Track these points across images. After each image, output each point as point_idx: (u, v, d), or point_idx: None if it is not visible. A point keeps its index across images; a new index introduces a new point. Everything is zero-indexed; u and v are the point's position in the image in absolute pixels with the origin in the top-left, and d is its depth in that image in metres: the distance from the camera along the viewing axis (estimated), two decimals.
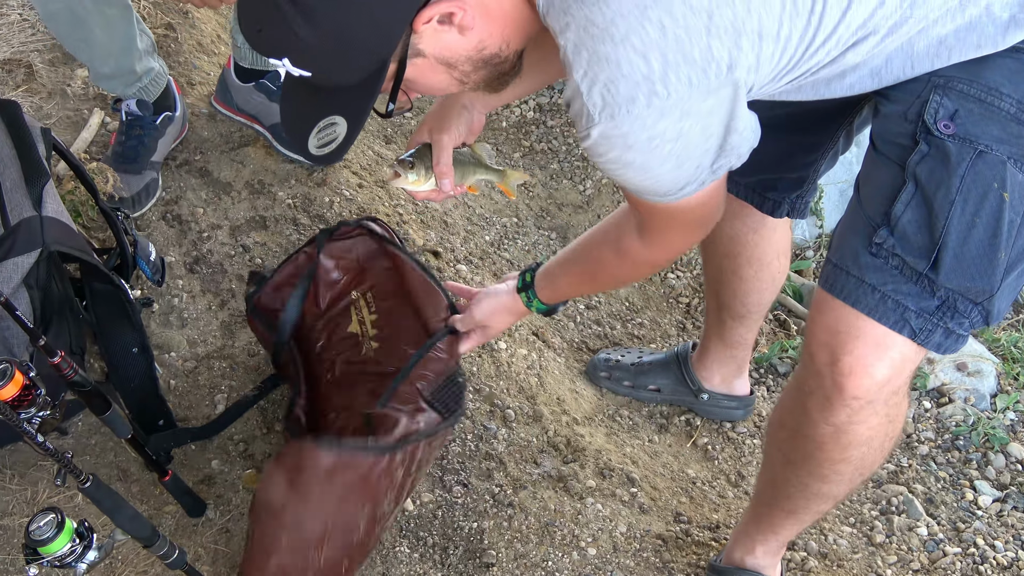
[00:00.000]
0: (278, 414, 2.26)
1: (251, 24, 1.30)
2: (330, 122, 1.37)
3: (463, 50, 1.37)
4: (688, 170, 1.39)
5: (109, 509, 1.55)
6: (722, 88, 1.30)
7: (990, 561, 2.21)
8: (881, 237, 1.44)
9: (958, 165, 1.38)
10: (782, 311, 3.01)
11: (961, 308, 1.44)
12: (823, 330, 1.52)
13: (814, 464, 1.66)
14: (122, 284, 2.09)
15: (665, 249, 1.67)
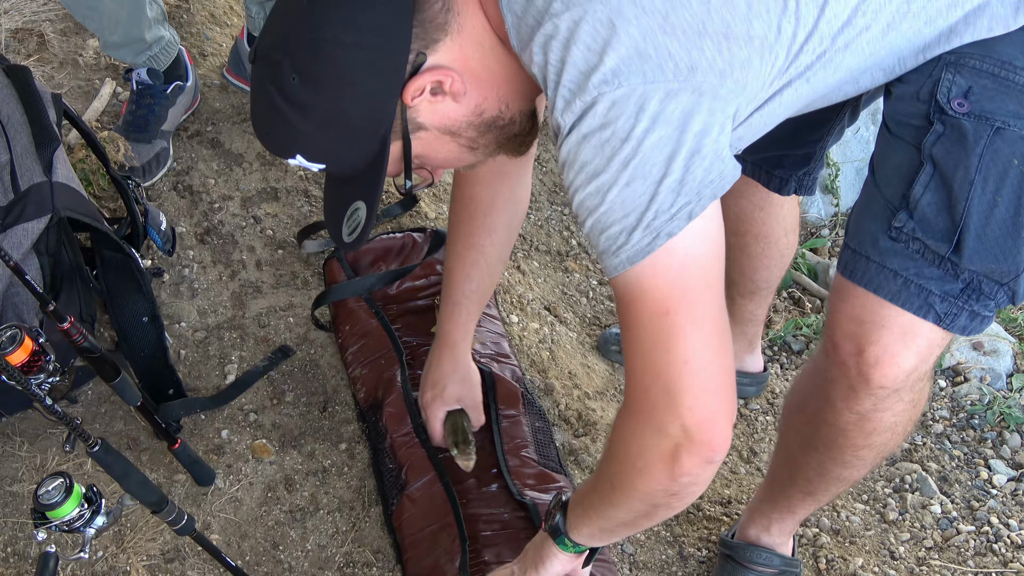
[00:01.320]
0: (288, 384, 2.25)
1: (262, 130, 1.36)
2: (354, 208, 1.37)
3: (461, 116, 1.36)
4: (640, 193, 1.20)
5: (118, 474, 1.54)
6: (683, 92, 1.20)
7: (1004, 539, 2.19)
8: (901, 221, 1.39)
9: (975, 144, 1.34)
10: (796, 289, 2.98)
11: (986, 290, 1.40)
12: (847, 319, 1.47)
13: (836, 451, 1.63)
14: (133, 253, 2.09)
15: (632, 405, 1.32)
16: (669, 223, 1.21)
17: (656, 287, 1.24)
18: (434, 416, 2.02)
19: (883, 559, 2.11)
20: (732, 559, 1.92)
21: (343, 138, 1.31)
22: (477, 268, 1.92)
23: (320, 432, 2.18)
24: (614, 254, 1.24)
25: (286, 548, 1.98)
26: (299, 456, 2.13)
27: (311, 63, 1.26)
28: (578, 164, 1.23)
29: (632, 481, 1.36)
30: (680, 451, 1.26)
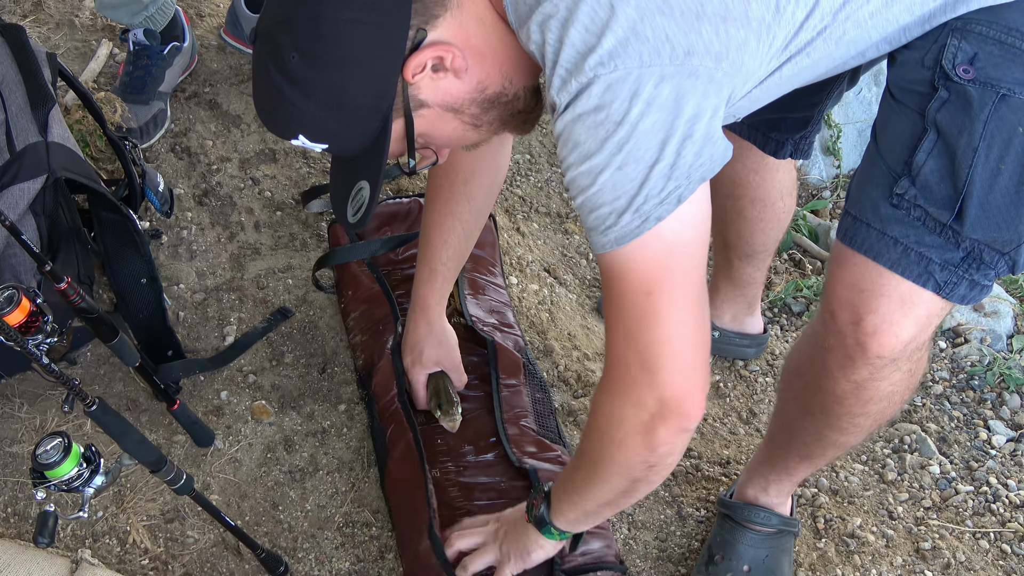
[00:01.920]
0: (287, 346, 2.25)
1: (263, 110, 1.36)
2: (358, 188, 1.37)
3: (464, 93, 1.35)
4: (631, 177, 1.22)
5: (116, 433, 1.54)
6: (678, 76, 1.20)
7: (1002, 499, 2.20)
8: (902, 187, 1.38)
9: (980, 110, 1.32)
10: (797, 251, 2.98)
11: (987, 259, 1.39)
12: (845, 287, 1.47)
13: (833, 417, 1.63)
14: (130, 214, 2.08)
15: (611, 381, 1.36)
16: (659, 207, 1.23)
17: (642, 268, 1.27)
18: (416, 380, 2.04)
19: (881, 519, 2.11)
20: (731, 518, 1.93)
21: (344, 117, 1.30)
22: (454, 235, 1.92)
23: (319, 393, 2.19)
24: (603, 233, 1.27)
25: (286, 508, 1.99)
26: (298, 417, 2.14)
27: (310, 41, 1.25)
28: (572, 142, 1.24)
29: (612, 455, 1.41)
30: (656, 421, 1.32)
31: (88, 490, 1.48)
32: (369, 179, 1.35)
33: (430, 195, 1.92)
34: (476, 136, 1.43)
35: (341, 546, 1.94)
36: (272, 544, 1.93)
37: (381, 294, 2.25)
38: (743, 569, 1.88)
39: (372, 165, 1.35)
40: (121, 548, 1.86)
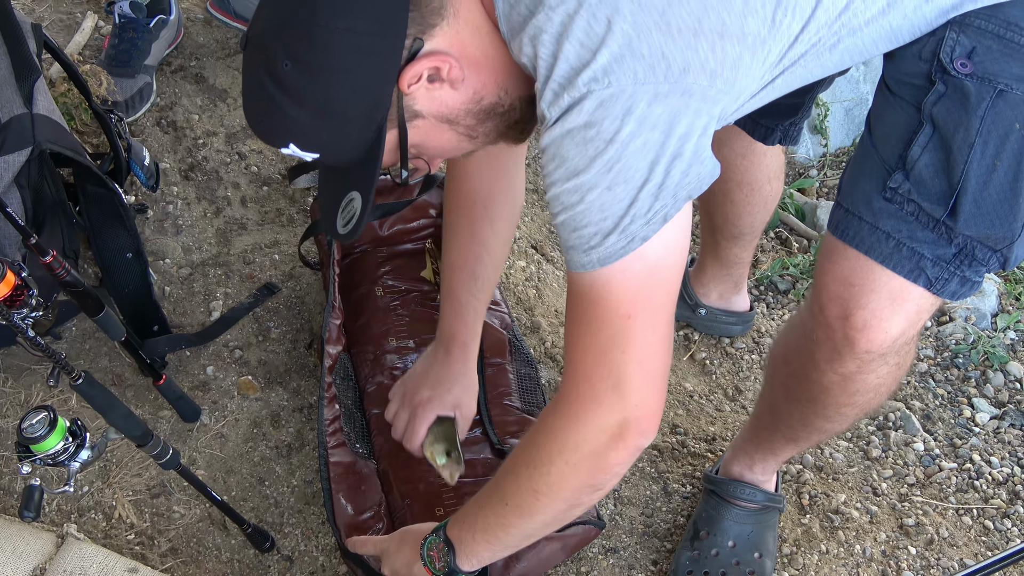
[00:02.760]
0: (274, 321, 2.25)
1: (253, 118, 1.31)
2: (349, 199, 1.33)
3: (460, 104, 1.31)
4: (620, 198, 1.20)
5: (102, 407, 1.54)
6: (672, 95, 1.17)
7: (985, 476, 2.21)
8: (896, 181, 1.37)
9: (977, 105, 1.31)
10: (784, 229, 2.98)
11: (979, 255, 1.37)
12: (835, 281, 1.45)
13: (819, 406, 1.63)
14: (116, 188, 2.06)
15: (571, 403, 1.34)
16: (645, 227, 1.22)
17: (623, 290, 1.26)
18: (424, 418, 1.88)
19: (866, 495, 2.13)
20: (716, 495, 1.93)
21: (337, 126, 1.27)
22: (481, 264, 1.84)
23: (306, 369, 2.18)
24: (585, 253, 1.25)
25: (272, 483, 1.99)
26: (285, 392, 2.13)
27: (304, 49, 1.21)
28: (558, 158, 1.21)
29: (562, 480, 1.38)
30: (617, 441, 1.32)
31: (74, 464, 1.48)
32: (361, 190, 1.31)
33: (449, 223, 1.86)
34: (471, 146, 1.40)
35: (327, 521, 1.94)
36: (258, 519, 1.93)
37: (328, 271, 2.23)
38: (728, 545, 1.89)
39: (365, 176, 1.31)
40: (107, 523, 1.86)
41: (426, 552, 1.58)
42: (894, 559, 1.99)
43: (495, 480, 1.51)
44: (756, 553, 1.89)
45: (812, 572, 1.94)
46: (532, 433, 1.44)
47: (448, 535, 1.55)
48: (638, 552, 1.96)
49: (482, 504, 1.52)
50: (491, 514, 1.50)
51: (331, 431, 1.95)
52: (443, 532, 1.56)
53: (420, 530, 1.65)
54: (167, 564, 1.83)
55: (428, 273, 2.27)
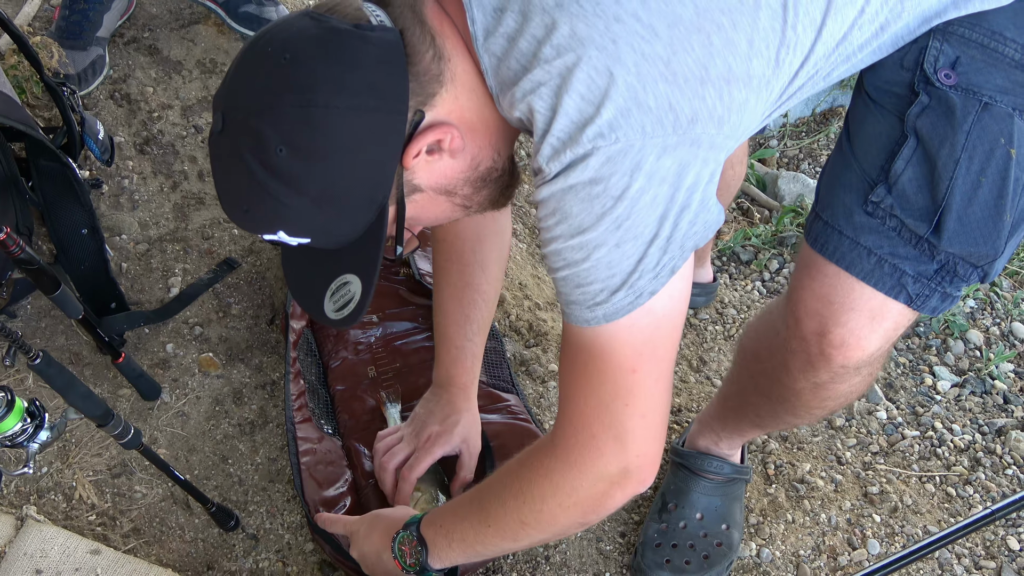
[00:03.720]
0: (234, 297, 2.21)
1: (235, 205, 1.21)
2: (342, 282, 1.26)
3: (459, 173, 1.26)
4: (629, 255, 1.16)
5: (61, 387, 1.50)
6: (681, 146, 1.13)
7: (947, 444, 2.23)
8: (878, 196, 1.33)
9: (963, 120, 1.28)
10: (745, 199, 2.98)
11: (961, 272, 1.34)
12: (813, 297, 1.42)
13: (789, 405, 1.61)
14: (70, 162, 2.02)
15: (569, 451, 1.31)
16: (653, 282, 1.19)
17: (629, 345, 1.23)
18: (430, 454, 1.83)
19: (830, 464, 2.14)
20: (684, 467, 1.93)
21: (337, 211, 1.19)
22: (476, 308, 1.81)
23: (267, 345, 2.15)
24: (589, 309, 1.21)
25: (236, 461, 1.96)
26: (247, 369, 2.10)
27: (301, 132, 1.12)
28: (560, 213, 1.16)
29: (554, 518, 1.37)
30: (615, 489, 1.31)
31: (33, 446, 1.44)
32: (360, 273, 1.25)
33: (439, 270, 1.81)
34: (463, 215, 1.35)
35: (293, 499, 1.92)
36: (222, 498, 1.90)
37: None
38: (696, 517, 1.89)
39: (365, 258, 1.24)
40: (67, 504, 1.82)
41: (397, 546, 1.57)
42: (859, 527, 2.00)
43: (479, 498, 1.48)
44: (724, 524, 1.90)
45: (779, 541, 1.95)
46: (523, 466, 1.40)
47: (422, 533, 1.54)
48: (605, 524, 1.96)
49: (462, 516, 1.50)
50: (471, 529, 1.48)
51: (297, 406, 1.94)
52: (416, 529, 1.55)
53: (392, 519, 1.64)
54: (130, 544, 1.80)
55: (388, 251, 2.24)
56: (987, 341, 2.55)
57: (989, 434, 2.27)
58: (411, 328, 2.13)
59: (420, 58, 1.18)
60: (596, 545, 1.91)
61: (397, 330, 2.11)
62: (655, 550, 1.86)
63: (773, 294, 2.65)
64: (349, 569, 1.76)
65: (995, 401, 2.38)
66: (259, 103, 1.14)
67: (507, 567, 1.84)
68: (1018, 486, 2.15)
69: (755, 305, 2.60)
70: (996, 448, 2.23)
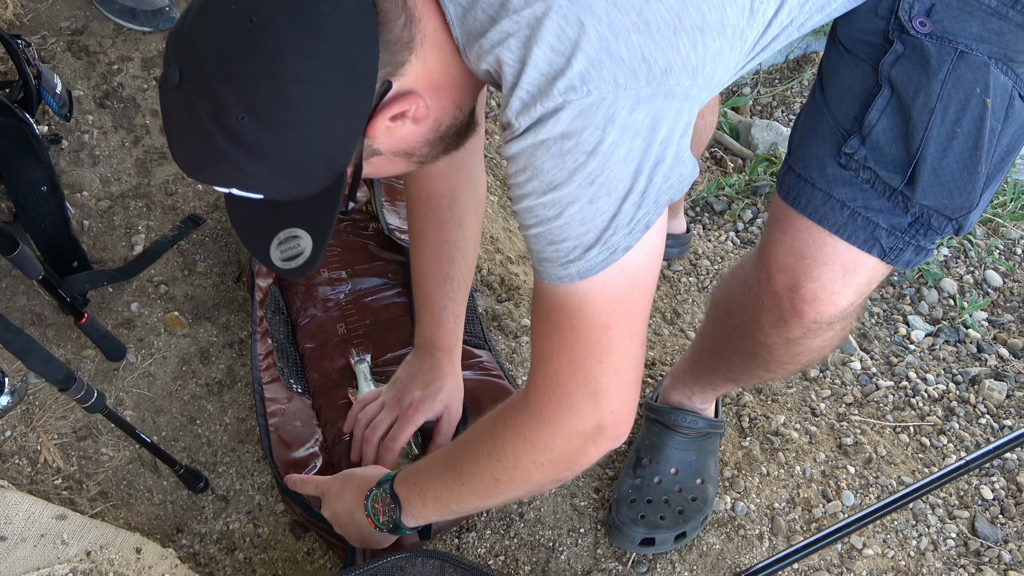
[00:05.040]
0: (200, 254, 2.17)
1: (190, 161, 1.16)
2: (291, 235, 1.21)
3: (420, 137, 1.23)
4: (603, 211, 1.13)
5: (19, 351, 1.47)
6: (655, 99, 1.10)
7: (921, 394, 2.23)
8: (852, 147, 1.31)
9: (939, 68, 1.26)
10: (719, 149, 2.95)
11: (935, 224, 1.33)
12: (785, 251, 1.40)
13: (761, 360, 1.60)
14: (27, 118, 1.97)
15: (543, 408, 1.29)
16: (627, 237, 1.16)
17: (603, 302, 1.20)
18: (413, 421, 1.79)
19: (804, 416, 2.13)
20: (658, 422, 1.92)
21: (295, 177, 1.15)
22: (455, 265, 1.76)
23: (234, 303, 2.12)
24: (562, 266, 1.18)
25: (204, 422, 1.93)
26: (213, 328, 2.07)
27: (265, 102, 1.08)
28: (531, 170, 1.13)
29: (528, 475, 1.35)
30: (589, 445, 1.29)
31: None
32: (313, 232, 1.21)
33: (415, 228, 1.76)
34: (416, 168, 1.32)
35: (263, 459, 1.89)
36: (191, 459, 1.88)
37: None
38: (671, 472, 1.88)
39: (320, 218, 1.20)
40: (32, 468, 1.79)
41: (371, 504, 1.55)
42: (833, 479, 2.00)
43: (452, 456, 1.47)
44: (698, 479, 1.89)
45: (754, 494, 1.94)
46: (497, 424, 1.38)
47: (396, 491, 1.52)
48: (580, 480, 1.94)
49: (436, 474, 1.48)
50: (444, 488, 1.46)
51: (264, 366, 1.91)
52: (389, 487, 1.53)
53: (364, 477, 1.62)
54: (97, 508, 1.77)
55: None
56: (961, 290, 2.55)
57: (963, 383, 2.27)
58: (381, 284, 2.10)
59: (392, 25, 1.13)
60: (570, 501, 1.90)
61: (367, 286, 2.08)
62: (630, 506, 1.85)
63: (747, 244, 2.63)
64: (320, 530, 1.75)
65: (969, 350, 2.38)
66: (223, 67, 1.09)
67: (481, 524, 1.83)
68: (991, 435, 2.16)
69: (729, 256, 2.58)
70: (970, 397, 2.23)
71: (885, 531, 1.92)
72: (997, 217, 2.74)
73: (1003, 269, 2.60)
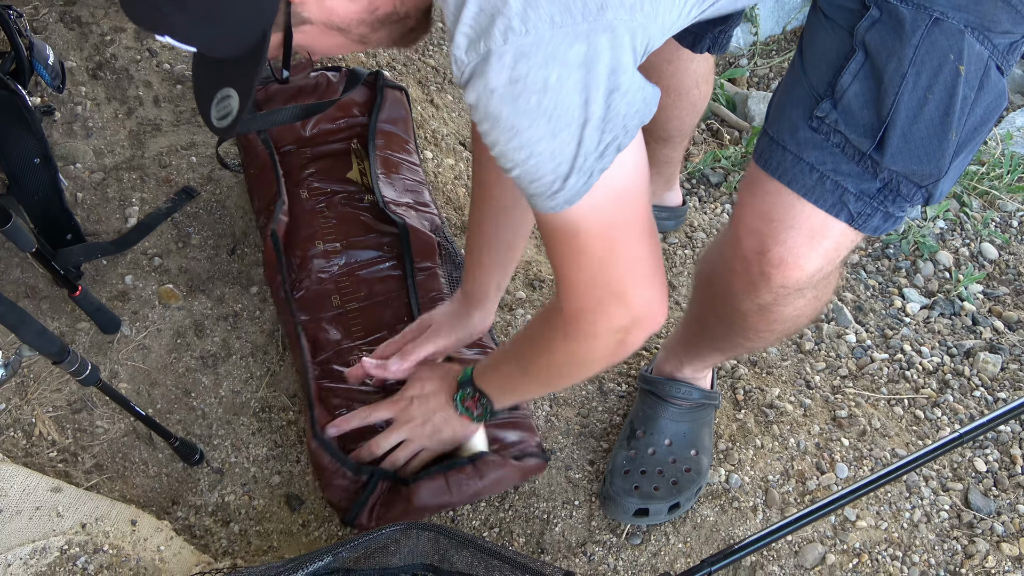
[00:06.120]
0: (194, 227, 2.16)
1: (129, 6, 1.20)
2: (225, 95, 1.25)
3: (353, 14, 1.23)
4: (567, 142, 1.17)
5: (12, 324, 1.46)
6: (593, 33, 1.12)
7: (916, 366, 2.23)
8: (823, 111, 1.32)
9: (912, 34, 1.26)
10: (715, 120, 2.94)
11: (904, 191, 1.34)
12: (753, 214, 1.42)
13: (739, 328, 1.62)
14: (19, 89, 1.96)
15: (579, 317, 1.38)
16: (600, 160, 1.19)
17: (597, 220, 1.26)
18: (419, 353, 1.85)
19: (799, 388, 2.13)
20: (652, 393, 1.92)
21: (217, 30, 1.18)
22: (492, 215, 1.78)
23: (229, 276, 2.11)
24: (549, 198, 1.22)
25: (199, 395, 1.93)
26: (208, 301, 2.06)
27: None
28: (491, 119, 1.16)
29: (587, 369, 1.51)
30: (630, 336, 1.37)
31: None
32: (239, 89, 1.24)
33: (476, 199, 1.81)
34: (361, 49, 1.33)
35: (258, 431, 1.90)
36: (186, 432, 1.88)
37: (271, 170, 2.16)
38: (665, 443, 1.88)
39: (244, 76, 1.23)
40: (27, 441, 1.79)
41: (461, 404, 1.72)
42: (827, 451, 2.00)
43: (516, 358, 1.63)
44: (692, 450, 1.89)
45: (748, 467, 1.95)
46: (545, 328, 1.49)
47: (480, 388, 1.69)
48: (575, 452, 1.95)
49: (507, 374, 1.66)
50: (519, 384, 1.66)
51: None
52: (472, 387, 1.70)
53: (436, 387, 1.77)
54: (92, 481, 1.77)
55: (354, 174, 2.20)
56: (956, 262, 2.54)
57: (958, 356, 2.27)
58: (376, 257, 2.09)
59: None
60: (565, 473, 1.91)
61: (362, 259, 2.07)
62: (624, 477, 1.85)
63: None
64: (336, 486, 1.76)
65: (964, 323, 2.38)
66: None
67: None
68: (986, 408, 2.16)
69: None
70: (964, 370, 2.23)
71: (879, 503, 1.93)
72: (994, 190, 2.73)
73: (999, 242, 2.60)
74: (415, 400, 1.77)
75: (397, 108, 2.30)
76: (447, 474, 1.74)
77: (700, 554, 1.82)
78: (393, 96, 2.30)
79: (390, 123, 2.27)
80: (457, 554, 1.57)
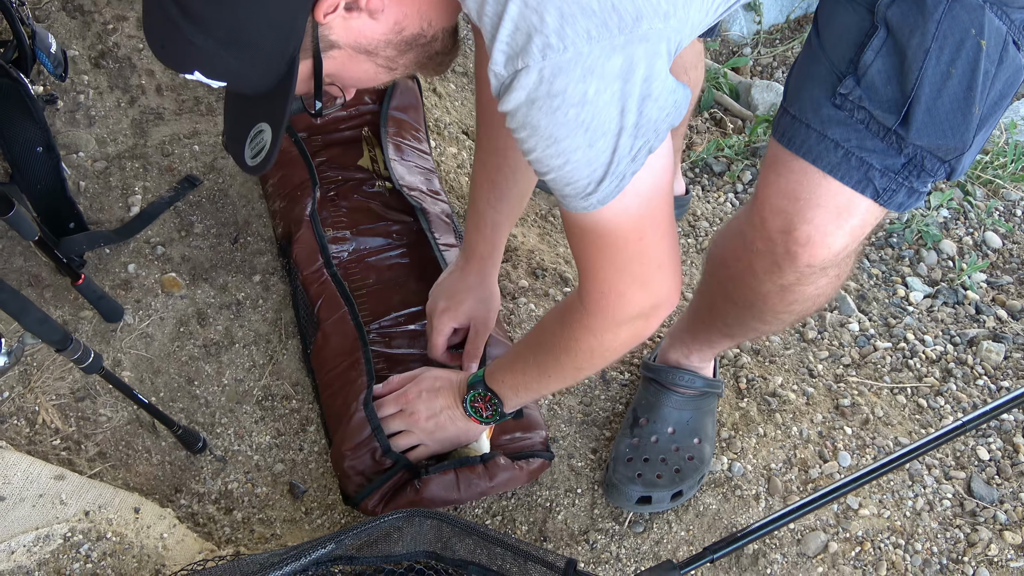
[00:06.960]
0: (197, 215, 2.17)
1: (155, 40, 1.21)
2: (259, 130, 1.27)
3: (379, 35, 1.23)
4: (603, 150, 1.20)
5: (15, 312, 1.47)
6: (630, 44, 1.13)
7: (919, 355, 2.23)
8: (847, 87, 1.32)
9: (934, 9, 1.26)
10: (718, 109, 2.94)
11: (928, 167, 1.34)
12: (779, 194, 1.41)
13: (756, 311, 1.62)
14: (21, 78, 1.97)
15: (602, 309, 1.41)
16: (632, 163, 1.22)
17: (628, 220, 1.29)
18: (439, 330, 1.90)
19: (802, 377, 2.13)
20: (656, 382, 1.92)
21: (246, 57, 1.18)
22: (500, 173, 1.80)
23: (232, 264, 2.11)
24: (583, 199, 1.26)
25: (201, 383, 1.94)
26: (211, 289, 2.07)
27: None
28: (529, 127, 1.19)
29: (606, 358, 1.53)
30: (649, 320, 1.43)
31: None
32: (271, 123, 1.25)
33: (477, 136, 1.83)
34: (389, 77, 1.33)
35: (261, 420, 1.90)
36: (189, 420, 1.88)
37: (299, 157, 2.16)
38: (667, 431, 1.88)
39: (276, 108, 1.24)
40: (31, 429, 1.79)
41: (470, 406, 1.72)
42: (830, 440, 2.00)
43: (532, 354, 1.63)
44: (695, 438, 1.89)
45: (750, 455, 1.95)
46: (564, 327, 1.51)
47: (491, 389, 1.69)
48: (577, 441, 1.95)
49: (521, 372, 1.66)
50: (533, 382, 1.65)
51: None
52: (483, 387, 1.69)
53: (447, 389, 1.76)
54: (95, 469, 1.78)
55: (365, 162, 2.20)
56: (960, 251, 2.54)
57: (961, 345, 2.27)
58: (384, 244, 2.09)
59: None
60: (568, 462, 1.91)
61: (371, 246, 2.08)
62: (627, 465, 1.85)
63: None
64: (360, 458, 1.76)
65: (967, 312, 2.37)
66: None
67: None
68: (989, 396, 2.16)
69: (728, 217, 2.57)
70: (967, 359, 2.23)
71: (881, 491, 1.93)
72: (997, 179, 2.73)
73: (1002, 231, 2.60)
74: (424, 394, 1.77)
75: (408, 96, 2.30)
76: (458, 471, 1.74)
77: (703, 542, 1.82)
78: (404, 83, 2.30)
79: (401, 110, 2.27)
80: (460, 542, 1.57)
